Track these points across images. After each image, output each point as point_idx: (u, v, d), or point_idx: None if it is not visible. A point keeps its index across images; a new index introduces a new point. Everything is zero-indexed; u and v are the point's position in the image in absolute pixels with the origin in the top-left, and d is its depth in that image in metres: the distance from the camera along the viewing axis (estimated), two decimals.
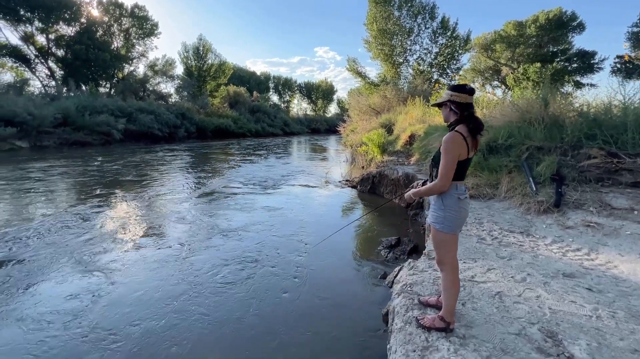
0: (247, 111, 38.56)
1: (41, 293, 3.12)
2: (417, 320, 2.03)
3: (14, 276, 3.39)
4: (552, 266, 2.81)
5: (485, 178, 4.98)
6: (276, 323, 2.74)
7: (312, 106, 68.54)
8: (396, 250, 4.25)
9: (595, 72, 24.32)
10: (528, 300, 2.28)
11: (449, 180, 1.79)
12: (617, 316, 2.10)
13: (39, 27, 24.41)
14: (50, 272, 3.51)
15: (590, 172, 4.21)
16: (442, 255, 1.92)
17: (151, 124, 22.90)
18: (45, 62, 25.83)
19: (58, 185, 7.89)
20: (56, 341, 2.46)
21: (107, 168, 10.68)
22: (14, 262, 3.69)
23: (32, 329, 2.59)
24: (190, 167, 11.87)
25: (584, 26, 24.30)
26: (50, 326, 2.63)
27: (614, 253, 2.99)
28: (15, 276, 3.41)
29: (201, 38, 35.35)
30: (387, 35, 21.58)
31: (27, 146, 15.73)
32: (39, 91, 23.82)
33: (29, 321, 2.69)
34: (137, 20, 29.41)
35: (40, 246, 4.16)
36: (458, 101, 1.81)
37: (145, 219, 5.42)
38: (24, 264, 3.65)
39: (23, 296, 3.05)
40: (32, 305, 2.91)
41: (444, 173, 1.78)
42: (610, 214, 3.62)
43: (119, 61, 29.05)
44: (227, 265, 3.78)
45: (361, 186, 8.04)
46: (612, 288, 2.46)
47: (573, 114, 4.91)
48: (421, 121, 10.48)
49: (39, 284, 3.26)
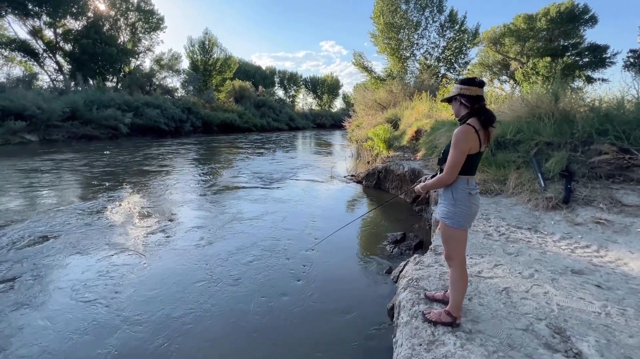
0: (252, 106, 38.50)
1: (77, 266, 3.51)
2: (424, 314, 2.03)
3: (52, 252, 3.77)
4: (561, 263, 2.78)
5: (492, 174, 4.92)
6: (282, 316, 2.76)
7: (317, 100, 68.24)
8: (402, 245, 4.24)
9: (607, 67, 23.81)
10: (536, 296, 2.27)
11: (455, 173, 1.78)
12: (626, 314, 2.07)
13: (47, 22, 24.55)
14: (84, 250, 3.91)
15: (601, 169, 4.14)
16: (451, 250, 1.90)
17: (157, 119, 23.02)
18: (53, 57, 26.03)
19: (71, 177, 7.99)
20: (91, 311, 2.56)
21: (117, 161, 10.79)
22: (50, 240, 3.99)
23: (71, 300, 2.75)
24: (198, 161, 11.93)
25: (597, 19, 23.73)
26: (87, 296, 2.86)
27: (624, 250, 2.95)
28: (53, 252, 3.82)
29: (207, 32, 35.23)
30: (393, 29, 21.31)
31: (37, 139, 15.94)
32: (47, 85, 24.05)
33: (66, 293, 2.91)
34: (143, 14, 29.40)
35: (73, 227, 4.59)
36: (468, 94, 1.79)
37: (158, 209, 5.48)
38: (60, 242, 4.04)
39: (62, 270, 3.39)
40: (69, 278, 3.21)
41: (451, 166, 1.76)
42: (620, 211, 3.56)
43: (126, 55, 29.14)
44: (240, 256, 3.83)
45: (366, 181, 8.01)
46: (621, 285, 2.43)
47: (584, 109, 4.81)
48: (428, 116, 10.38)
49: (76, 259, 3.66)
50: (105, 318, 2.65)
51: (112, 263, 3.59)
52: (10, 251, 3.79)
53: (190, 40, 35.10)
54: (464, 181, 1.81)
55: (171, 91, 32.69)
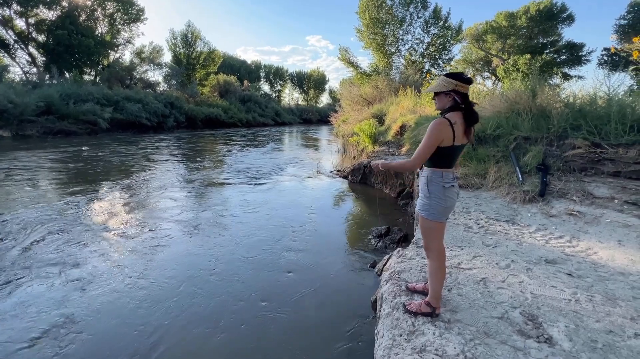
0: (237, 101, 37.90)
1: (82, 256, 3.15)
2: (404, 306, 2.08)
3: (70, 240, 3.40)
4: (536, 253, 2.90)
5: (473, 168, 5.05)
6: (265, 310, 2.77)
7: (303, 95, 67.83)
8: (386, 239, 4.31)
9: (583, 64, 24.68)
10: (511, 285, 2.36)
11: (420, 162, 1.83)
12: (594, 300, 2.19)
13: (18, 11, 23.28)
14: (76, 245, 3.49)
15: (575, 162, 4.31)
16: (428, 242, 1.95)
17: (139, 113, 22.34)
18: (25, 48, 24.74)
19: (45, 175, 7.69)
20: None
21: (95, 158, 10.44)
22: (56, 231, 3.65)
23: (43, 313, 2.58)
24: (181, 157, 11.69)
25: (574, 18, 24.50)
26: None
27: (594, 240, 3.10)
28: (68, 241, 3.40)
29: (190, 25, 34.26)
30: (379, 25, 21.38)
31: (9, 135, 15.21)
32: (19, 78, 22.91)
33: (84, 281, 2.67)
34: (122, 4, 28.26)
35: (45, 230, 4.13)
36: (462, 92, 1.80)
37: (137, 209, 5.35)
38: (63, 235, 3.63)
39: (30, 283, 3.03)
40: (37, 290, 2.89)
41: (418, 154, 1.81)
42: (592, 202, 3.73)
43: (104, 48, 28.00)
44: (221, 252, 3.80)
45: (352, 176, 8.07)
46: (591, 273, 2.56)
47: (559, 105, 4.98)
48: (412, 112, 10.50)
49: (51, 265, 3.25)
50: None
51: (91, 266, 3.50)
52: None
53: (173, 33, 34.10)
54: (438, 173, 1.85)
55: (153, 85, 31.71)
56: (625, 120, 4.12)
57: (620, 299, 2.19)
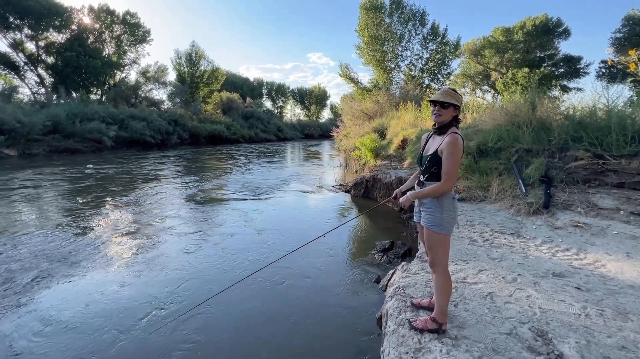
0: (240, 117, 38.46)
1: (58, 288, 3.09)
2: (410, 322, 2.04)
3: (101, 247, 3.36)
4: (542, 266, 2.85)
5: (476, 181, 5.05)
6: (269, 327, 2.72)
7: (305, 111, 68.72)
8: (390, 253, 4.26)
9: (582, 77, 24.94)
10: (519, 300, 2.31)
11: (454, 182, 1.83)
12: (605, 314, 2.13)
13: (29, 34, 24.15)
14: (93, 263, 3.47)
15: (578, 174, 4.30)
16: (437, 257, 1.92)
17: (143, 131, 22.70)
18: (34, 69, 25.50)
19: (48, 194, 7.75)
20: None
21: (99, 176, 10.54)
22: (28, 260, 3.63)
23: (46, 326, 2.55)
24: (185, 173, 11.77)
25: (570, 32, 24.96)
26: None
27: (602, 252, 3.05)
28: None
29: (194, 44, 35.26)
30: (378, 42, 21.86)
31: (15, 154, 15.44)
32: (28, 99, 23.47)
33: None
34: (128, 27, 29.27)
35: (51, 247, 4.10)
36: (460, 107, 1.90)
37: (142, 225, 5.36)
38: (37, 264, 3.60)
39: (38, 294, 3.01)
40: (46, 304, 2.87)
41: (450, 174, 1.78)
42: (597, 214, 3.69)
43: (111, 68, 28.82)
44: (223, 267, 3.76)
45: (355, 190, 8.07)
46: (600, 286, 2.51)
47: (559, 117, 5.02)
48: (413, 125, 10.60)
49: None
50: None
51: (95, 280, 3.48)
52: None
53: (177, 53, 35.06)
54: None
55: (157, 103, 32.38)
56: (626, 131, 4.13)
57: (632, 313, 2.14)
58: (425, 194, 1.89)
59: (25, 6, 22.25)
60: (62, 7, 24.77)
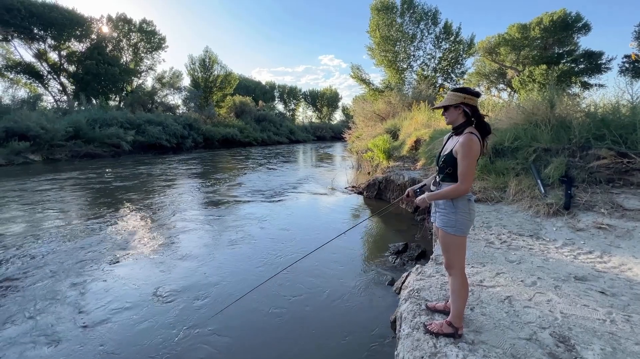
0: (253, 120, 38.92)
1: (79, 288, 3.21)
2: (425, 326, 2.00)
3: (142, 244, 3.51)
4: (564, 270, 2.75)
5: (492, 181, 4.93)
6: (283, 330, 2.73)
7: (317, 113, 68.93)
8: (404, 256, 4.21)
9: (603, 72, 23.96)
10: (539, 304, 2.24)
11: (471, 182, 1.79)
12: (632, 320, 2.04)
13: (52, 45, 25.23)
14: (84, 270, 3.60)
15: (600, 173, 4.13)
16: (452, 259, 1.88)
17: (159, 135, 23.30)
18: (57, 78, 26.61)
19: (71, 197, 8.05)
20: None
21: (118, 179, 10.86)
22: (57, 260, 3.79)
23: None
24: (199, 176, 11.99)
25: (590, 27, 24.06)
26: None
27: (628, 255, 2.92)
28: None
29: (207, 50, 36.01)
30: (390, 42, 21.75)
31: (40, 159, 16.11)
32: (51, 106, 24.51)
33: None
34: (145, 34, 30.19)
35: (73, 248, 4.28)
36: (471, 104, 1.81)
37: (162, 226, 5.49)
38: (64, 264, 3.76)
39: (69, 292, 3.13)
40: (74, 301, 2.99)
41: (467, 175, 1.75)
42: (622, 215, 3.54)
43: (128, 75, 29.78)
44: (239, 269, 3.80)
45: (367, 191, 8.01)
46: (626, 291, 2.40)
47: (580, 114, 4.85)
48: (426, 126, 10.46)
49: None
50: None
51: (117, 279, 3.58)
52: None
53: (191, 59, 35.88)
54: None
55: (173, 107, 33.17)
56: None
57: None
58: (442, 195, 1.85)
59: (49, 18, 23.30)
60: (82, 17, 25.80)
